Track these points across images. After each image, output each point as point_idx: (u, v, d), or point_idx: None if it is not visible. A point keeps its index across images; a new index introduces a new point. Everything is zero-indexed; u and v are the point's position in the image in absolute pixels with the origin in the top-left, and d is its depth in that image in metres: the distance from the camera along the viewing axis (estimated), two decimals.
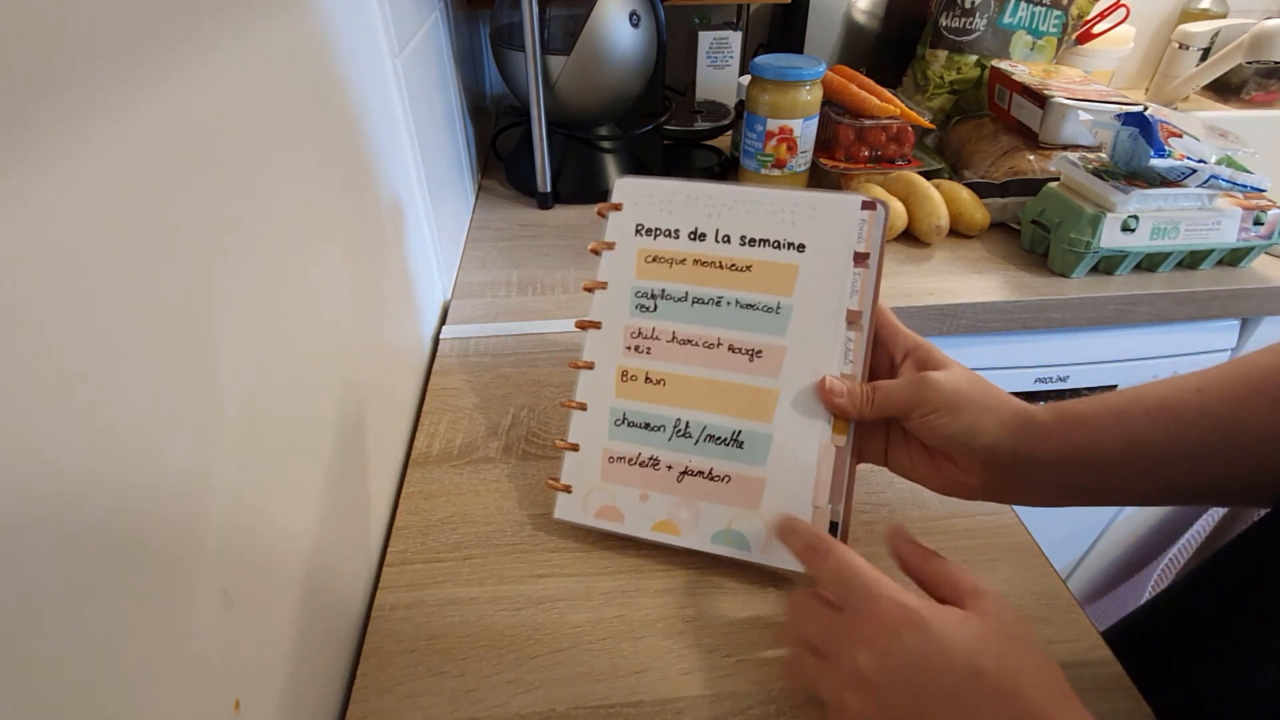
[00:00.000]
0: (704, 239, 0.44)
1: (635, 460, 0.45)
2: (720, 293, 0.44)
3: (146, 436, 0.23)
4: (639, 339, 0.45)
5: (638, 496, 0.44)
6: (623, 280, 0.46)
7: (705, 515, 0.43)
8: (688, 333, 0.44)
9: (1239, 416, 0.35)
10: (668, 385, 0.44)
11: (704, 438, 0.44)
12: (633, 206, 0.46)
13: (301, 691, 0.33)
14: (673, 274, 0.45)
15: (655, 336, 0.45)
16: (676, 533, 0.44)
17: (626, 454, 0.45)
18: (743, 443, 0.43)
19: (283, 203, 0.34)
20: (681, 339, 0.44)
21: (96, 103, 0.21)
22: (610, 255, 0.46)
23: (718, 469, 0.43)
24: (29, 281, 0.18)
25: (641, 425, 0.45)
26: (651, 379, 0.45)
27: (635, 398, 0.45)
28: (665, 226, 0.45)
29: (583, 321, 0.47)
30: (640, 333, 0.45)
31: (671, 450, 0.44)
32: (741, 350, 0.43)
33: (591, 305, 0.46)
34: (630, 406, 0.45)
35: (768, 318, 0.43)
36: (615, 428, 0.45)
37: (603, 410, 0.45)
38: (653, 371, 0.45)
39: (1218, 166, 0.69)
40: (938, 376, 0.38)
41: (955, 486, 0.41)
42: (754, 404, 0.43)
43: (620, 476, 0.45)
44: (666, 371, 0.45)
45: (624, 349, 0.45)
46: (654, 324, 0.45)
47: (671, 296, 0.45)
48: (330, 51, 0.41)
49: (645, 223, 0.46)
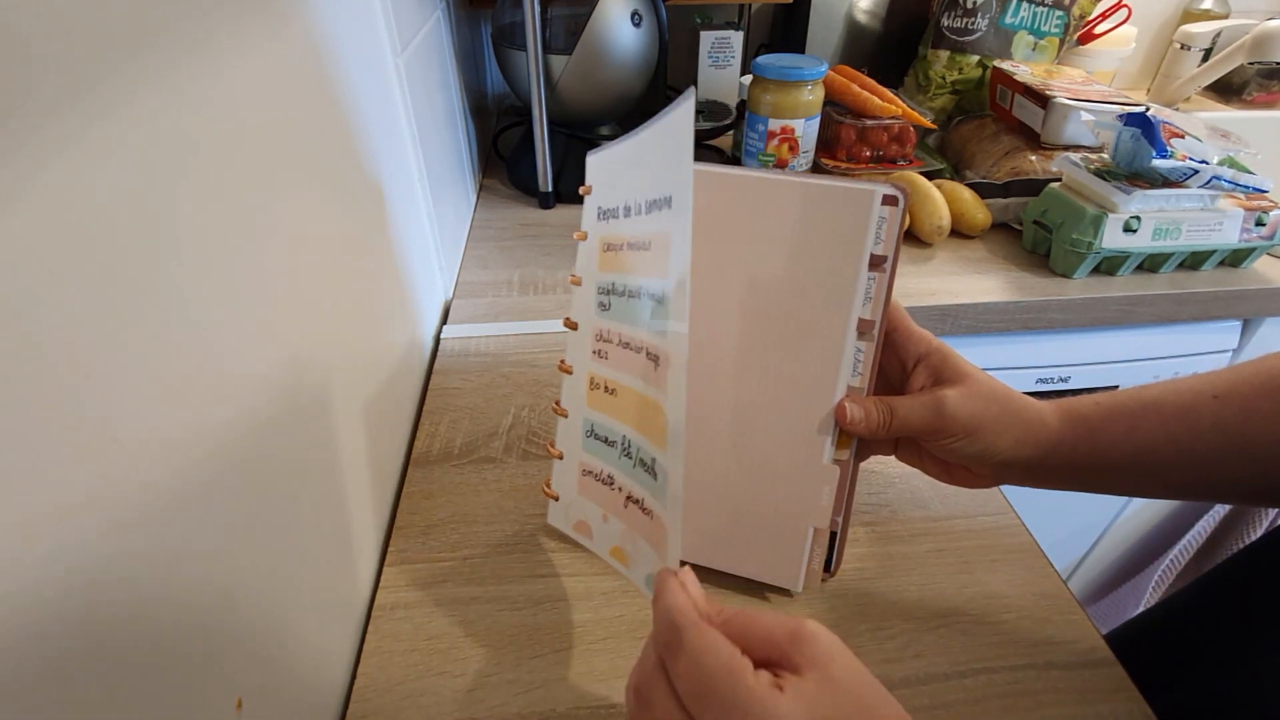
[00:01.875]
0: (629, 214, 0.35)
1: (600, 476, 0.38)
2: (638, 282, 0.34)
3: (147, 438, 0.23)
4: (600, 342, 0.38)
5: (600, 515, 0.39)
6: (590, 275, 0.39)
7: (638, 554, 0.35)
8: (626, 335, 0.35)
9: (1251, 427, 0.35)
10: (618, 396, 0.36)
11: (638, 461, 0.34)
12: (599, 187, 0.38)
13: (301, 690, 0.33)
14: (619, 262, 0.36)
15: (608, 339, 0.37)
16: (625, 563, 0.37)
17: (594, 468, 0.39)
18: (655, 473, 0.32)
19: (283, 202, 0.34)
20: (621, 342, 0.36)
21: (94, 101, 0.21)
22: (583, 247, 0.40)
23: (647, 501, 0.34)
24: (26, 281, 0.18)
25: (603, 439, 0.38)
26: (609, 388, 0.37)
27: (598, 408, 0.38)
28: (611, 205, 0.37)
29: (568, 320, 0.41)
30: (601, 335, 0.38)
31: (620, 471, 0.36)
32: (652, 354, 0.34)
33: (571, 304, 0.41)
34: (595, 418, 0.39)
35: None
36: (586, 439, 0.39)
37: (578, 419, 0.40)
38: (609, 380, 0.37)
39: (1220, 167, 0.69)
40: (953, 401, 0.37)
41: (963, 483, 0.41)
42: (652, 422, 0.32)
43: (589, 491, 0.40)
44: (616, 381, 0.36)
45: (591, 354, 0.39)
46: (608, 325, 0.37)
47: (618, 291, 0.36)
48: (332, 51, 0.41)
49: (603, 204, 0.38)
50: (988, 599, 0.43)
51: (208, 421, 0.26)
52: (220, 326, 0.27)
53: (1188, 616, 0.47)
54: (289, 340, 0.34)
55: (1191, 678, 0.42)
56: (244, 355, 0.29)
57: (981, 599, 0.43)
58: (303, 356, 0.35)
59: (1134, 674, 0.39)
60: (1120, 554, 1.03)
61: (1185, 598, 0.49)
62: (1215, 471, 0.36)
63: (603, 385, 0.38)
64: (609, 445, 0.37)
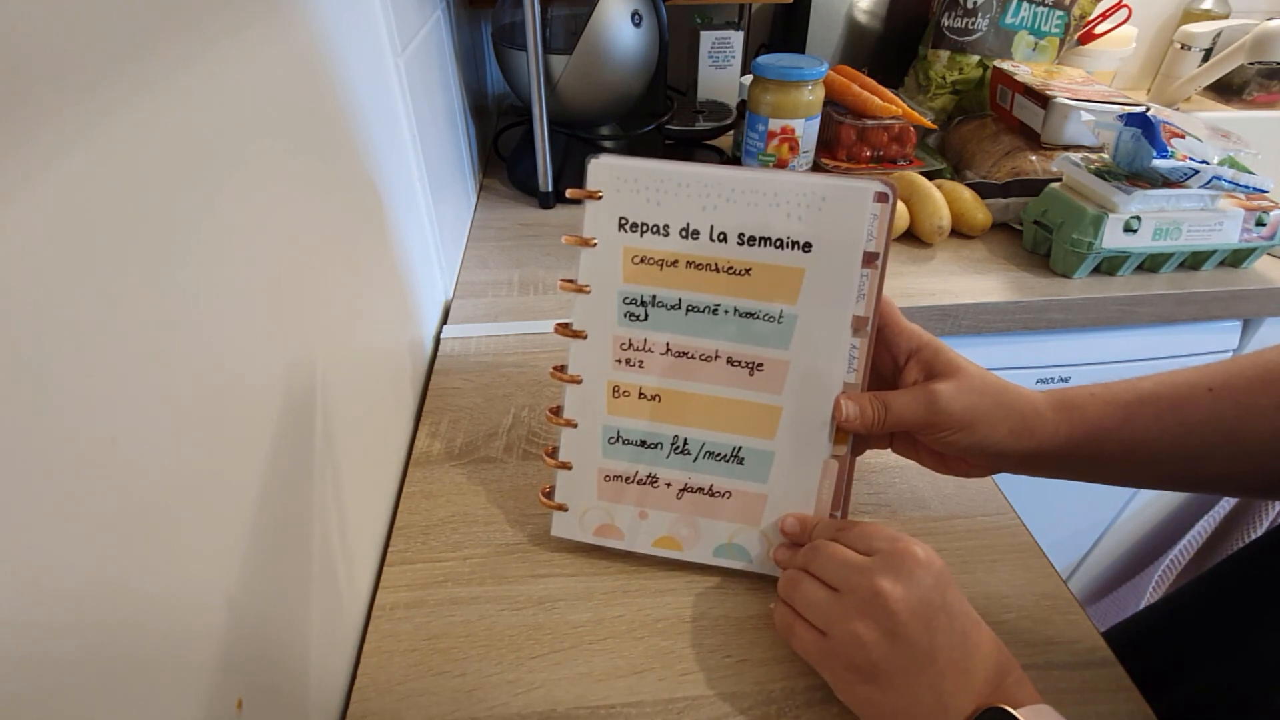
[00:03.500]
0: (698, 237, 0.39)
1: (633, 478, 0.42)
2: (718, 300, 0.39)
3: (146, 438, 0.23)
4: (630, 351, 0.41)
5: (636, 514, 0.43)
6: (608, 285, 0.40)
7: (706, 530, 0.42)
8: (682, 344, 0.40)
9: (1246, 421, 0.35)
10: (663, 401, 0.41)
11: (703, 454, 0.41)
12: (614, 195, 0.39)
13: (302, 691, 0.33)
14: (664, 278, 0.40)
15: (647, 349, 0.41)
16: (678, 548, 0.43)
17: (623, 472, 0.42)
18: (744, 459, 0.41)
19: (283, 202, 0.34)
20: (676, 351, 0.41)
21: (92, 100, 0.21)
22: (592, 254, 0.40)
23: (718, 485, 0.42)
24: (23, 279, 0.18)
25: (637, 443, 0.42)
26: (646, 395, 0.41)
27: (629, 414, 0.42)
28: (653, 221, 0.39)
29: (565, 329, 0.42)
30: (631, 344, 0.41)
31: (670, 467, 0.42)
32: (741, 363, 0.40)
33: (574, 311, 0.41)
34: (624, 424, 0.42)
35: (770, 328, 0.39)
36: (609, 445, 0.42)
37: (594, 428, 0.42)
38: (647, 387, 0.41)
39: (1220, 167, 0.69)
40: (947, 394, 0.37)
41: (958, 472, 0.42)
42: (755, 421, 0.41)
43: (617, 495, 0.43)
44: (661, 387, 0.41)
45: (613, 362, 0.41)
46: (645, 335, 0.41)
47: (664, 304, 0.40)
48: (332, 51, 0.41)
49: (630, 216, 0.39)
50: (988, 599, 0.43)
51: (207, 421, 0.26)
52: (220, 327, 0.27)
53: (1187, 615, 0.47)
54: (288, 340, 0.34)
55: (1191, 677, 0.42)
56: (244, 355, 0.29)
57: (981, 599, 0.43)
58: (302, 356, 0.35)
59: (1133, 673, 0.39)
60: (1120, 554, 1.03)
61: (1184, 597, 0.49)
62: (1209, 464, 0.37)
63: (636, 392, 0.41)
64: (649, 448, 0.42)
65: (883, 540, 0.35)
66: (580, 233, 0.40)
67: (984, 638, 0.34)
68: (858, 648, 0.33)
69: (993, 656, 0.33)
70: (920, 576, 0.33)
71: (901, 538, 0.35)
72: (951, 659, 0.32)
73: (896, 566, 0.33)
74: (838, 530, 0.38)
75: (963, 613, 0.34)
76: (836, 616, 0.34)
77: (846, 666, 0.34)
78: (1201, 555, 0.88)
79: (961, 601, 0.34)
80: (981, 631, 0.34)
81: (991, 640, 0.34)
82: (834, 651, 0.34)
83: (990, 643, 0.34)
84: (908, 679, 0.32)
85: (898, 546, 0.34)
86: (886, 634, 0.33)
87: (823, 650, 0.35)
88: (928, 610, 0.33)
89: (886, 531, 0.36)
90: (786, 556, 0.40)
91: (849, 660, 0.34)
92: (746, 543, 0.42)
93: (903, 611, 0.32)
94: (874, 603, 0.33)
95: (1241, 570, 0.46)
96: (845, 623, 0.34)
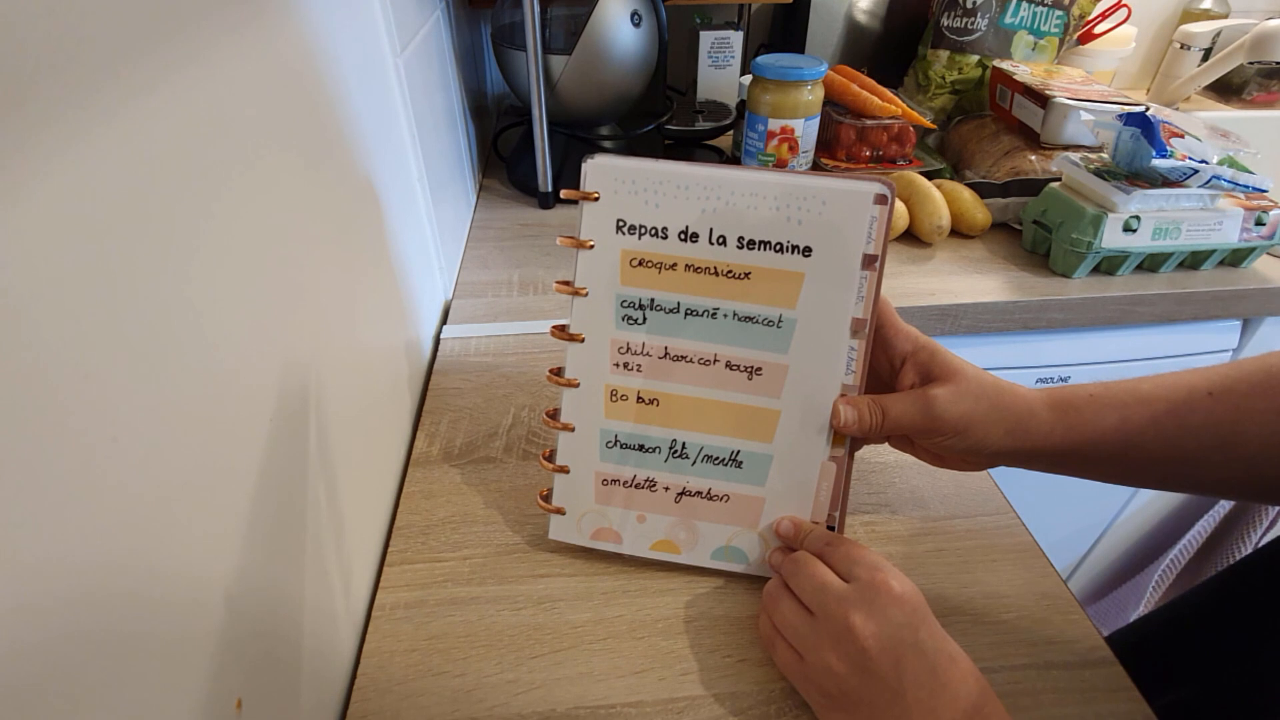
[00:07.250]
0: (697, 240, 0.39)
1: (630, 482, 0.43)
2: (717, 304, 0.39)
3: (145, 438, 0.23)
4: (628, 355, 0.41)
5: (634, 518, 0.43)
6: (605, 287, 0.40)
7: (704, 534, 0.43)
8: (681, 348, 0.40)
9: (1244, 426, 0.35)
10: (661, 405, 0.41)
11: (701, 458, 0.42)
12: (612, 196, 0.39)
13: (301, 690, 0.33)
14: (662, 281, 0.40)
15: (645, 352, 0.41)
16: (676, 551, 0.43)
17: (620, 476, 0.43)
18: (741, 463, 0.41)
19: (282, 203, 0.34)
20: (675, 355, 0.40)
21: (91, 100, 0.21)
22: (589, 256, 0.40)
23: (716, 489, 0.42)
24: (22, 279, 0.18)
25: (635, 447, 0.42)
26: (644, 398, 0.41)
27: (627, 418, 0.42)
28: (652, 224, 0.39)
29: (561, 331, 0.42)
30: (629, 348, 0.41)
31: (668, 471, 0.42)
32: (740, 368, 0.40)
33: (571, 314, 0.41)
34: (622, 428, 0.42)
35: (769, 332, 0.39)
36: (607, 449, 0.42)
37: (592, 432, 0.42)
38: (645, 391, 0.41)
39: (1219, 167, 0.69)
40: (944, 400, 0.37)
41: (955, 468, 0.42)
42: (754, 424, 0.41)
43: (615, 498, 0.43)
44: (659, 391, 0.41)
45: (611, 365, 0.41)
46: (643, 338, 0.40)
47: (662, 307, 0.40)
48: (331, 51, 0.41)
49: (628, 218, 0.39)
50: (988, 599, 0.43)
51: (206, 421, 0.26)
52: (220, 327, 0.27)
53: (1189, 622, 0.47)
54: (288, 340, 0.34)
55: (1192, 680, 0.42)
56: (244, 355, 0.29)
57: (981, 599, 0.43)
58: (302, 357, 0.35)
59: (1134, 676, 0.39)
60: (1120, 554, 1.03)
61: (1185, 606, 0.49)
62: (1206, 468, 0.36)
63: (634, 396, 0.41)
64: (647, 451, 0.42)
65: (863, 568, 0.36)
66: (577, 234, 0.40)
67: (957, 675, 0.33)
68: (830, 677, 0.34)
69: (965, 694, 0.33)
70: (893, 614, 0.34)
71: (882, 567, 0.35)
72: (918, 697, 0.32)
73: (870, 600, 0.34)
74: (825, 545, 0.38)
75: (935, 649, 0.33)
76: (811, 644, 0.35)
77: (820, 692, 0.35)
78: (1201, 555, 0.88)
79: (936, 637, 0.34)
80: (955, 668, 0.33)
81: (966, 676, 0.33)
82: (809, 676, 0.36)
83: (964, 679, 0.33)
84: (875, 713, 0.33)
85: (875, 578, 0.35)
86: (856, 668, 0.33)
87: (799, 673, 0.36)
88: (897, 648, 0.33)
89: (869, 558, 0.36)
90: (780, 560, 0.40)
91: (821, 687, 0.35)
92: (744, 545, 0.42)
93: (873, 649, 0.33)
94: (845, 636, 0.34)
95: (1244, 579, 0.45)
96: (819, 651, 0.35)
